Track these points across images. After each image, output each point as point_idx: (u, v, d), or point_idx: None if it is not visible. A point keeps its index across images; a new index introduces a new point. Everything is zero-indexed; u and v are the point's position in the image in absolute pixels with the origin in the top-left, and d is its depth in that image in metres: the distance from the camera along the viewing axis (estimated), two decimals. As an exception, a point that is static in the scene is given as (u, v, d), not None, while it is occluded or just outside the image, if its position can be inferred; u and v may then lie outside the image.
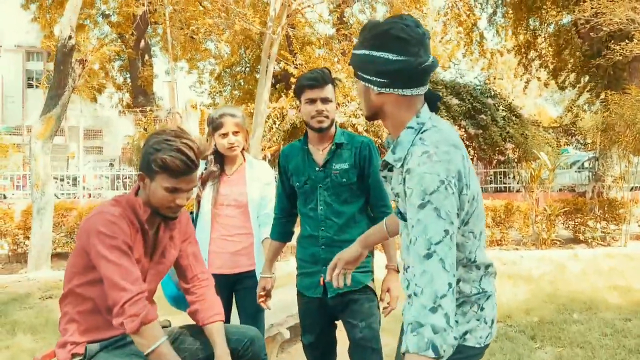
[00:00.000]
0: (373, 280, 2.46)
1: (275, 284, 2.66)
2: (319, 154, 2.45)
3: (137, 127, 21.86)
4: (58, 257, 8.12)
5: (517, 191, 13.79)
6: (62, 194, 13.01)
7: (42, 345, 4.38)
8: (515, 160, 14.45)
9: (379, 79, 1.43)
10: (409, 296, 1.34)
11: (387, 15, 17.53)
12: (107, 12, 20.12)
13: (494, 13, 17.15)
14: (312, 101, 2.35)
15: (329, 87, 2.37)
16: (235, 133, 2.76)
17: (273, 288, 2.64)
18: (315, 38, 16.86)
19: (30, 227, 7.47)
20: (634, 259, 7.84)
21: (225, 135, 2.75)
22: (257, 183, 2.84)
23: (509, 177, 15.20)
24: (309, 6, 10.24)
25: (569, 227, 9.97)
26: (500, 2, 16.62)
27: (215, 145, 2.82)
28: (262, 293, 2.60)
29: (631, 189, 10.58)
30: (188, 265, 2.24)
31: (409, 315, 1.27)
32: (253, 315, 2.80)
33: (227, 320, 2.84)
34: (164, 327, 2.15)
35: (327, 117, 2.36)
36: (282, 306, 4.02)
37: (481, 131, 12.51)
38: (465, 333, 1.55)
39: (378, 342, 2.37)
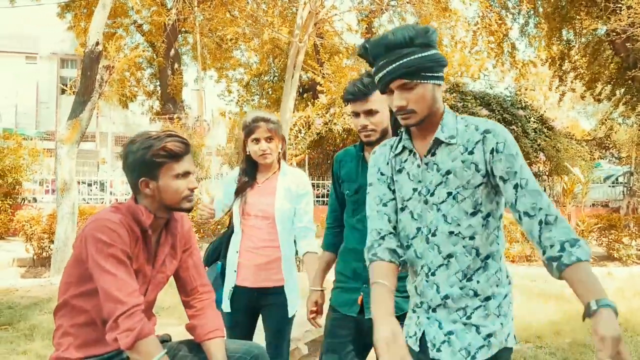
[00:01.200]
0: None
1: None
2: None
3: (166, 134, 22.07)
4: (82, 262, 8.17)
5: (548, 205, 13.43)
6: (91, 198, 13.19)
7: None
8: (547, 173, 14.09)
9: (442, 74, 1.61)
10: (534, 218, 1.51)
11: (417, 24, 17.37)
12: (139, 22, 20.46)
13: (526, 24, 16.82)
14: (357, 114, 2.21)
15: (375, 96, 2.14)
16: (268, 139, 2.61)
17: (324, 303, 2.46)
18: (343, 48, 16.83)
19: (55, 231, 7.53)
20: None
21: (257, 141, 2.60)
22: (288, 193, 2.67)
23: (540, 191, 14.81)
24: (336, 15, 10.18)
25: (602, 243, 9.61)
26: (532, 12, 16.29)
27: (248, 151, 2.67)
28: (314, 308, 2.44)
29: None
30: (188, 277, 2.13)
31: (555, 235, 1.46)
32: (277, 333, 2.65)
33: (250, 337, 2.71)
34: (163, 341, 2.03)
35: (374, 130, 2.18)
36: (300, 321, 3.90)
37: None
38: (509, 335, 1.66)
39: None
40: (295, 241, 2.75)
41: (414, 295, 1.73)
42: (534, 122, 12.97)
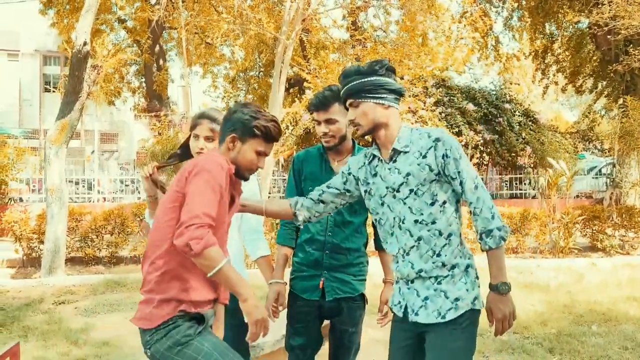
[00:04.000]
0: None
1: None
2: (336, 164, 2.58)
3: (151, 131, 22.04)
4: (72, 261, 8.15)
5: (533, 197, 13.62)
6: (78, 197, 13.09)
7: (52, 352, 4.37)
8: (531, 166, 14.27)
9: (388, 96, 2.06)
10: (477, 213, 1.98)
11: (401, 21, 17.44)
12: (123, 18, 20.28)
13: (510, 17, 16.98)
14: (318, 123, 2.52)
15: (335, 107, 2.46)
16: (207, 139, 2.52)
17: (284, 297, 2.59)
18: (329, 43, 16.83)
19: (44, 232, 7.51)
20: (655, 269, 7.66)
21: (197, 137, 2.53)
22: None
23: (525, 183, 15.01)
24: (323, 13, 10.19)
25: (586, 234, 9.79)
26: (516, 6, 16.45)
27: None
28: (275, 300, 2.53)
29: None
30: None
31: (478, 225, 1.96)
32: (232, 341, 2.50)
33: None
34: None
35: (333, 136, 2.50)
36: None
37: (497, 136, 12.37)
38: (475, 299, 2.03)
39: (359, 345, 2.66)
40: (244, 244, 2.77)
41: (396, 272, 2.15)
42: (519, 115, 13.12)
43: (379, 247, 2.64)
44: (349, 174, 2.23)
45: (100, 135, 25.70)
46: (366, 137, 2.13)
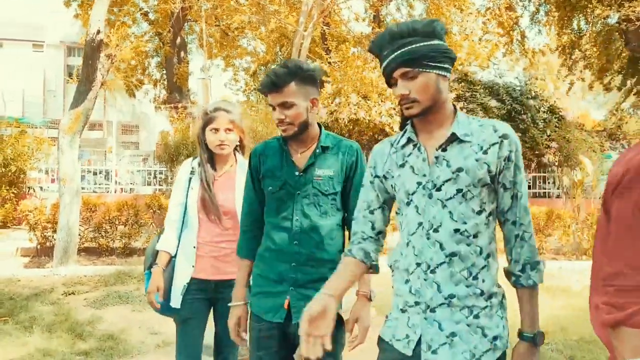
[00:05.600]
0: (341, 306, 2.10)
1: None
2: (298, 156, 2.12)
3: (171, 123, 22.12)
4: (85, 251, 8.13)
5: (557, 197, 13.26)
6: (97, 187, 13.17)
7: (56, 344, 4.30)
8: (556, 164, 13.90)
9: (449, 66, 1.62)
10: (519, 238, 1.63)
11: (424, 14, 17.15)
12: (145, 10, 20.35)
13: (537, 11, 16.53)
14: (273, 107, 2.05)
15: (290, 87, 1.99)
16: (227, 130, 2.55)
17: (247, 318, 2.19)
18: (349, 37, 16.64)
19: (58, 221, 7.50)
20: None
21: (216, 130, 2.54)
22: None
23: (549, 182, 14.64)
24: (343, 2, 10.00)
25: (611, 236, 9.45)
26: (543, 0, 16.01)
27: (205, 142, 2.60)
28: (237, 325, 2.17)
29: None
30: None
31: (522, 253, 1.61)
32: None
33: (203, 331, 2.65)
34: None
35: (291, 123, 2.02)
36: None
37: (520, 134, 12.05)
38: (507, 338, 1.64)
39: None
40: None
41: (405, 295, 1.63)
42: (544, 112, 12.77)
43: None
44: (375, 177, 1.76)
45: (120, 126, 25.93)
46: (417, 118, 1.63)
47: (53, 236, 7.76)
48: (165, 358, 4.12)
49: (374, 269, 1.80)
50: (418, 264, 1.60)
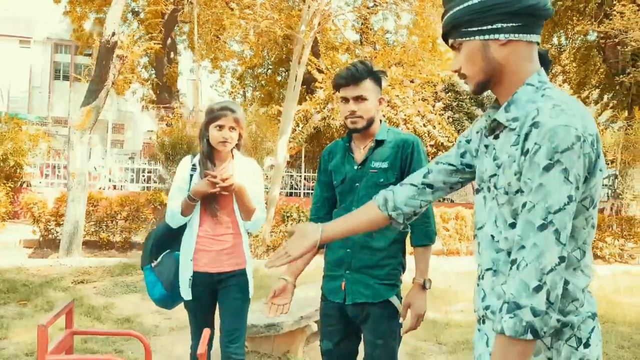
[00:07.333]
0: (398, 295, 2.26)
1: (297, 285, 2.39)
2: (360, 151, 2.30)
3: (159, 123, 22.23)
4: (86, 245, 8.37)
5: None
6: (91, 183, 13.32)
7: (77, 325, 4.58)
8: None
9: (507, 24, 1.25)
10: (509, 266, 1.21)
11: (412, 25, 17.66)
12: (136, 10, 20.51)
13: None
14: (346, 100, 2.21)
15: (366, 83, 2.18)
16: (231, 129, 2.66)
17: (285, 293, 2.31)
18: (338, 43, 17.03)
19: (62, 214, 7.74)
20: (653, 278, 7.89)
21: (221, 127, 2.64)
22: (245, 182, 2.69)
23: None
24: (342, 13, 10.39)
25: (586, 242, 9.99)
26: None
27: (207, 138, 2.69)
28: (270, 297, 2.28)
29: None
30: None
31: (506, 289, 1.17)
32: (237, 314, 2.73)
33: (212, 321, 2.81)
34: None
35: (361, 116, 2.19)
36: (310, 301, 4.19)
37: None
38: None
39: None
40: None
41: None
42: (525, 123, 13.34)
43: (414, 243, 2.29)
44: (468, 141, 1.49)
45: (105, 125, 25.91)
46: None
47: (56, 229, 8.01)
48: (180, 339, 4.40)
49: (391, 220, 1.57)
50: (478, 266, 1.42)
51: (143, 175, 12.51)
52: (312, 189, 13.32)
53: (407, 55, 11.52)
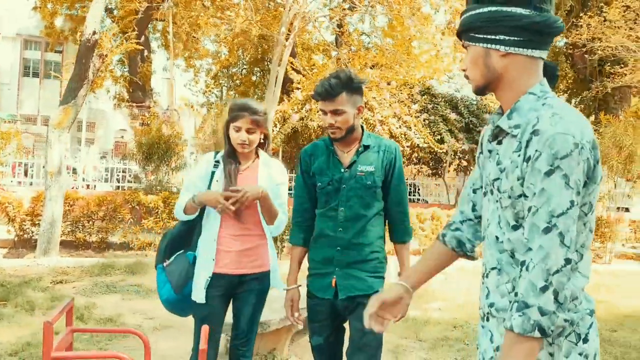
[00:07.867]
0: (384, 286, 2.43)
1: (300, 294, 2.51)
2: (344, 155, 2.42)
3: (132, 122, 21.94)
4: (63, 245, 8.25)
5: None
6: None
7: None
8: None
9: (510, 37, 1.32)
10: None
11: (387, 27, 17.87)
12: (110, 7, 20.23)
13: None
14: (324, 112, 2.35)
15: (341, 97, 2.29)
16: (249, 131, 2.57)
17: (300, 300, 2.50)
18: (314, 44, 17.12)
19: (38, 214, 7.64)
20: (619, 277, 8.20)
21: (238, 129, 2.57)
22: (269, 183, 2.64)
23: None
24: (323, 15, 10.46)
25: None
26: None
27: (229, 136, 2.63)
28: (291, 307, 2.47)
29: (617, 209, 10.98)
30: None
31: (519, 289, 1.23)
32: (251, 319, 2.70)
33: (221, 325, 2.73)
34: None
35: (339, 128, 2.32)
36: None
37: (475, 146, 12.88)
38: None
39: (379, 349, 2.37)
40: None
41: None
42: (497, 126, 13.64)
43: (396, 240, 2.48)
44: (481, 152, 1.53)
45: (77, 123, 25.45)
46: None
47: (31, 229, 7.89)
48: (165, 339, 4.43)
49: (470, 257, 1.63)
50: (483, 264, 1.49)
51: (118, 175, 12.36)
52: (290, 189, 13.41)
53: (384, 58, 11.67)
